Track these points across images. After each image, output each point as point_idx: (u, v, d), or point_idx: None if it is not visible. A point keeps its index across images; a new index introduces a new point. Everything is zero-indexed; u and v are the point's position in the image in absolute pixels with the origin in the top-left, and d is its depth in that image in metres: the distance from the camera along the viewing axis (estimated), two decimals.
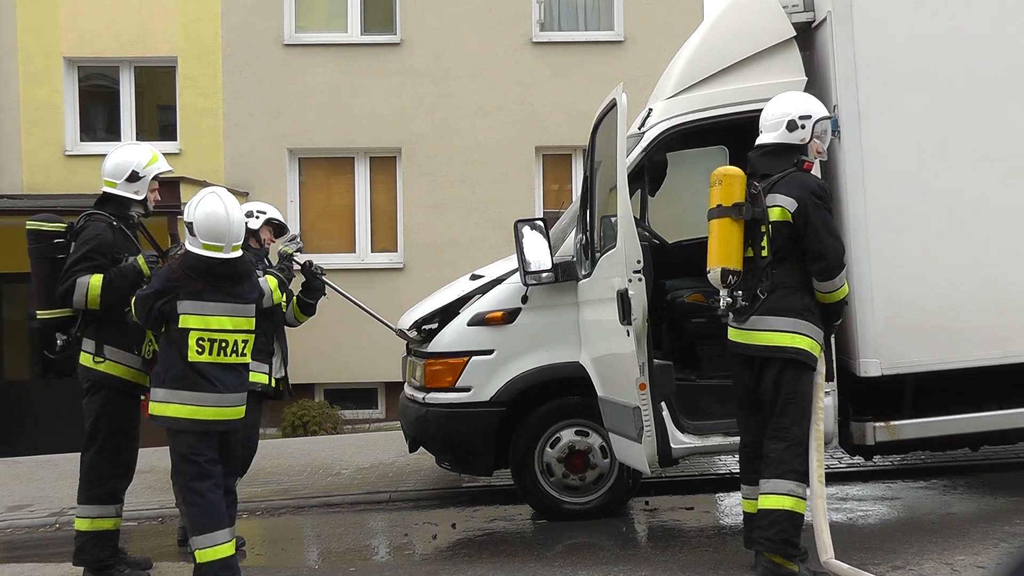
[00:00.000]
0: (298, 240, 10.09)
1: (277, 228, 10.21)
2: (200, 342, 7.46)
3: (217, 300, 7.54)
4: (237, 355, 7.64)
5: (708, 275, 7.49)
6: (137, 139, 19.36)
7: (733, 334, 7.64)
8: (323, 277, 10.23)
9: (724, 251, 7.38)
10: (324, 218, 19.76)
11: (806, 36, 9.20)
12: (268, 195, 18.29)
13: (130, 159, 8.30)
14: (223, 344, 7.55)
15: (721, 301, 7.47)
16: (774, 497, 7.30)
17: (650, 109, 9.62)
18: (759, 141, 7.76)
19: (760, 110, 7.91)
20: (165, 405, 7.49)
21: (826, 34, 8.87)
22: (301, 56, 19.51)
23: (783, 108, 7.71)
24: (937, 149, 8.78)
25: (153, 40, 19.52)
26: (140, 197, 8.31)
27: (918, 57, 8.77)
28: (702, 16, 17.49)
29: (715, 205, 7.46)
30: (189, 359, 7.43)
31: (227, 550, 7.51)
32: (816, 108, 7.75)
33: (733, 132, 9.58)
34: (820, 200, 7.49)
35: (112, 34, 19.42)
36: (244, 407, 7.78)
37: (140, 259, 8.12)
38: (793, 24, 9.05)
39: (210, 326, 7.49)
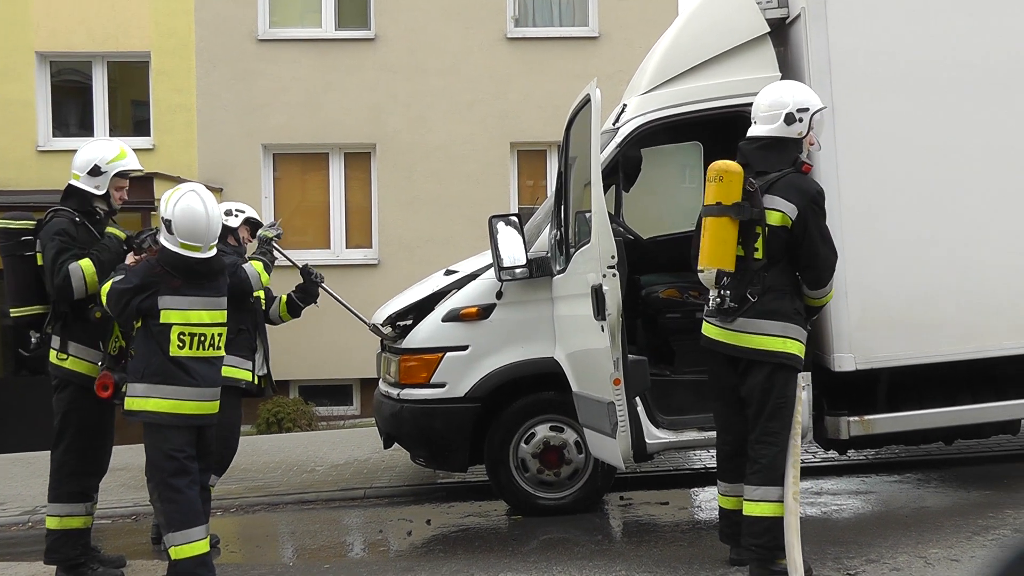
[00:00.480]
0: (277, 226, 10.10)
1: (255, 227, 10.21)
2: (181, 336, 7.43)
3: (195, 294, 7.53)
4: (214, 348, 7.64)
5: (700, 274, 7.35)
6: (110, 135, 19.31)
7: (715, 333, 7.51)
8: (323, 284, 10.22)
9: (720, 251, 7.22)
10: (299, 214, 19.70)
11: (780, 32, 9.21)
12: (242, 191, 18.28)
13: (95, 153, 8.22)
14: (202, 338, 7.54)
15: (711, 301, 7.39)
16: (766, 505, 7.26)
17: (624, 105, 9.63)
18: (753, 132, 7.59)
19: (734, 106, 7.93)
20: (145, 400, 7.45)
21: (800, 30, 8.88)
22: (275, 52, 19.44)
23: (779, 99, 7.55)
24: (911, 146, 8.82)
25: (126, 35, 19.42)
26: (100, 192, 8.20)
27: (892, 54, 8.80)
28: (677, 12, 17.49)
29: (714, 202, 7.25)
30: (171, 354, 7.41)
31: (203, 547, 7.48)
32: (813, 99, 7.62)
33: (707, 128, 9.61)
34: (819, 208, 7.40)
35: (85, 29, 19.31)
36: (219, 401, 7.75)
37: (111, 229, 8.20)
38: (767, 20, 9.07)
39: (190, 320, 7.48)
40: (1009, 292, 9.00)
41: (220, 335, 7.70)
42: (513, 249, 9.23)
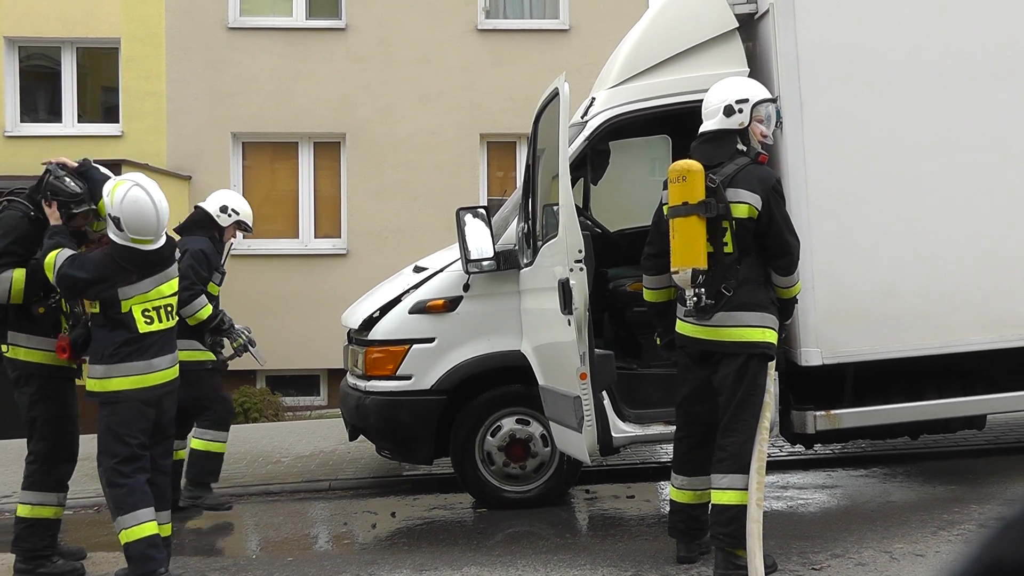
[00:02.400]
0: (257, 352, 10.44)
1: (245, 230, 10.64)
2: (146, 313, 7.49)
3: (151, 276, 7.57)
4: (171, 318, 7.73)
5: (675, 276, 7.32)
6: (78, 121, 19.29)
7: (692, 330, 7.48)
8: (250, 349, 10.31)
9: (693, 250, 7.19)
10: (267, 203, 19.61)
11: (749, 27, 9.21)
12: (211, 179, 18.22)
13: None
14: (168, 308, 7.66)
15: (688, 301, 7.34)
16: (733, 493, 7.24)
17: (593, 98, 9.62)
18: (700, 129, 7.67)
19: (702, 101, 7.90)
20: (106, 380, 7.44)
21: (768, 26, 8.88)
22: (246, 40, 19.36)
23: (721, 94, 7.61)
24: (879, 140, 8.84)
25: (96, 21, 19.31)
26: None
27: (860, 49, 8.82)
28: (646, 6, 17.42)
29: (680, 203, 7.23)
30: (141, 331, 7.46)
31: (152, 528, 7.43)
32: (755, 91, 7.64)
33: (676, 121, 9.60)
34: (780, 196, 7.47)
35: (54, 14, 19.18)
36: (178, 367, 7.83)
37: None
38: (736, 15, 9.07)
39: (151, 298, 7.53)
40: (975, 287, 9.03)
41: (173, 304, 7.79)
42: (480, 241, 9.21)
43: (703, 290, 7.23)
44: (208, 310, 9.84)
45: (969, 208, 9.00)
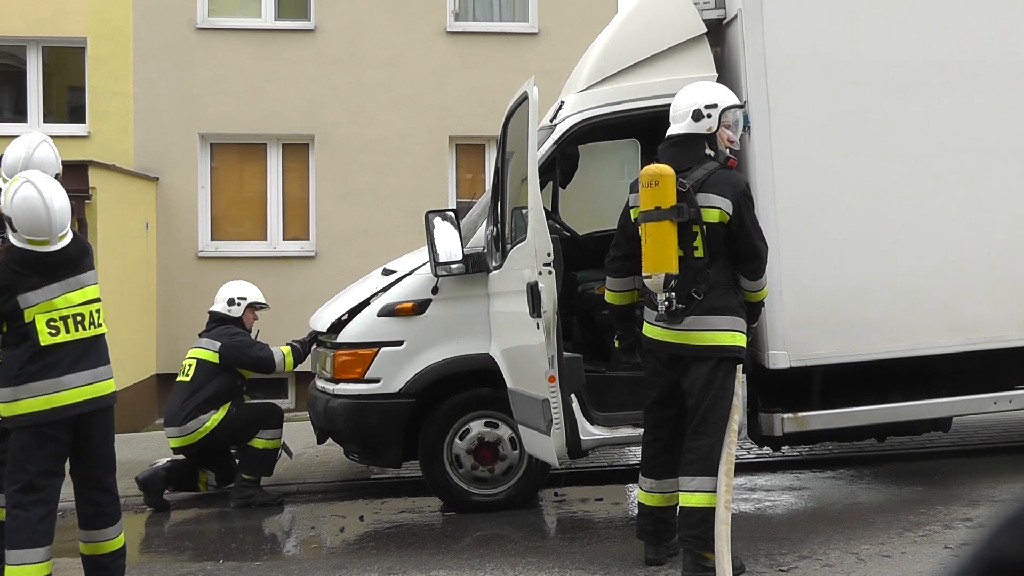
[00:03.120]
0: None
1: (260, 308, 11.08)
2: (51, 323, 6.86)
3: (57, 281, 6.96)
4: (95, 326, 7.08)
5: (647, 281, 7.34)
6: (44, 121, 19.19)
7: (661, 334, 7.49)
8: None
9: (665, 255, 7.21)
10: (236, 205, 19.60)
11: (717, 33, 9.26)
12: (179, 181, 18.21)
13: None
14: (78, 318, 6.98)
15: (660, 306, 7.34)
16: (702, 495, 7.26)
17: (562, 102, 9.64)
18: (668, 133, 7.69)
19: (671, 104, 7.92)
20: (14, 404, 6.87)
21: (737, 31, 8.93)
22: (214, 40, 19.31)
23: (689, 98, 7.63)
24: (846, 145, 8.90)
25: (62, 20, 19.21)
26: None
27: (828, 54, 8.88)
28: (616, 10, 17.50)
29: (653, 207, 7.25)
30: (42, 343, 6.84)
31: (32, 572, 6.87)
32: (723, 96, 7.68)
33: (645, 126, 9.62)
34: (750, 200, 7.52)
35: (19, 12, 19.07)
36: (112, 381, 7.23)
37: None
38: (704, 20, 9.12)
39: (57, 306, 6.90)
40: (941, 290, 9.10)
41: (98, 311, 7.14)
42: (449, 244, 9.21)
43: (674, 294, 7.25)
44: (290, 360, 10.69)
45: (935, 212, 9.07)
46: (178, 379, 10.82)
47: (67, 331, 6.92)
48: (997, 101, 9.18)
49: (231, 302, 11.04)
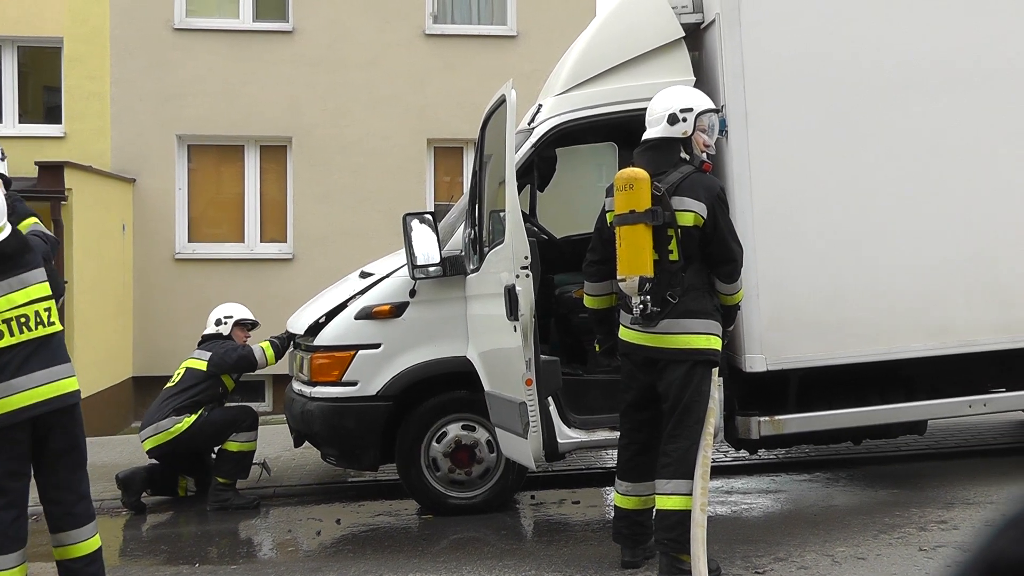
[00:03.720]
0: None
1: (250, 325, 11.23)
2: None
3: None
4: (43, 326, 6.77)
5: (621, 284, 7.34)
6: (20, 121, 19.15)
7: (636, 337, 7.50)
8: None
9: (640, 258, 7.20)
10: (213, 207, 19.57)
11: (695, 37, 9.29)
12: (156, 182, 18.18)
13: None
14: (23, 319, 6.66)
15: (634, 309, 7.33)
16: (678, 498, 7.27)
17: (540, 105, 9.65)
18: (644, 136, 7.69)
19: None
20: None
21: (715, 35, 8.95)
22: (192, 41, 19.30)
23: (665, 102, 7.63)
24: (823, 149, 8.94)
25: (39, 19, 19.16)
26: None
27: (805, 59, 8.91)
28: (594, 14, 17.55)
29: (627, 211, 7.24)
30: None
31: None
32: (699, 100, 7.68)
33: (622, 129, 9.64)
34: (724, 204, 7.54)
35: None
36: (72, 379, 6.90)
37: None
38: (682, 25, 9.14)
39: (1, 309, 6.61)
40: (917, 294, 9.14)
41: (48, 310, 6.84)
42: (427, 247, 9.20)
43: (649, 298, 7.25)
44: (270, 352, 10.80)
45: (911, 216, 9.11)
46: (165, 387, 10.83)
47: (11, 334, 6.63)
48: (973, 106, 9.23)
49: (218, 322, 11.20)
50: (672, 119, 7.51)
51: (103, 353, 17.88)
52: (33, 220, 7.42)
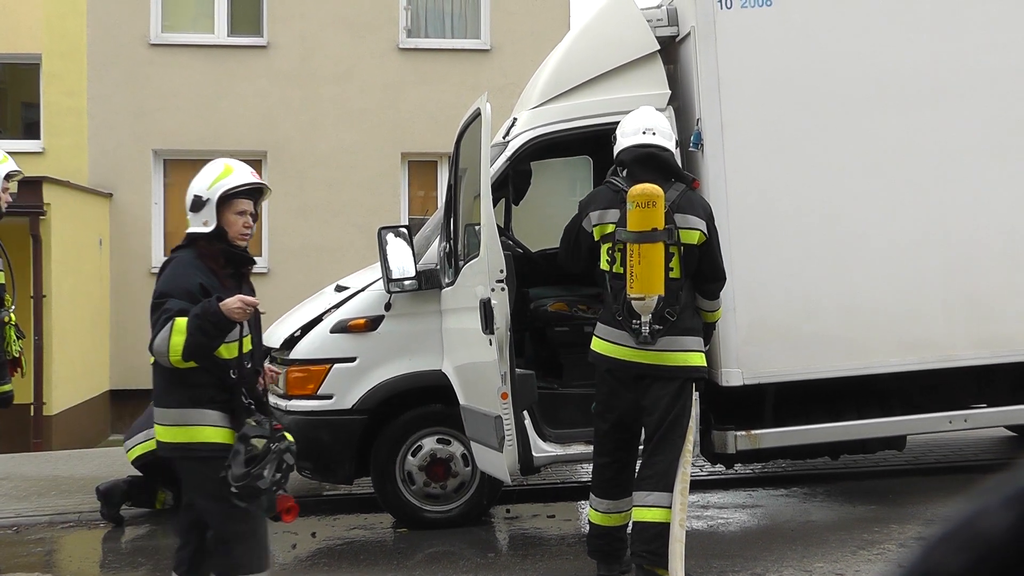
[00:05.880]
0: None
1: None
2: None
3: None
4: None
5: (639, 303, 7.19)
6: None
7: (628, 354, 7.41)
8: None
9: (656, 276, 7.14)
10: None
11: (670, 50, 9.30)
12: (133, 196, 18.16)
13: None
14: None
15: (644, 328, 7.23)
16: (658, 511, 7.25)
17: (515, 118, 9.63)
18: (644, 142, 7.55)
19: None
20: None
21: (690, 48, 8.96)
22: (167, 56, 19.29)
23: (640, 122, 7.68)
24: (799, 162, 8.96)
25: (16, 36, 19.17)
26: None
27: (781, 73, 8.93)
28: (568, 27, 17.60)
29: (649, 228, 7.14)
30: None
31: None
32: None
33: (597, 142, 9.63)
34: (714, 222, 7.56)
35: None
36: None
37: None
38: (657, 38, 9.14)
39: None
40: (893, 309, 9.14)
41: None
42: (402, 261, 9.19)
43: (651, 316, 7.23)
44: None
45: (888, 229, 9.11)
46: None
47: None
48: (950, 118, 9.22)
49: None
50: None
51: (80, 367, 17.84)
52: None
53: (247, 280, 6.48)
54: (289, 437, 6.40)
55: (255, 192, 6.61)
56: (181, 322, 5.87)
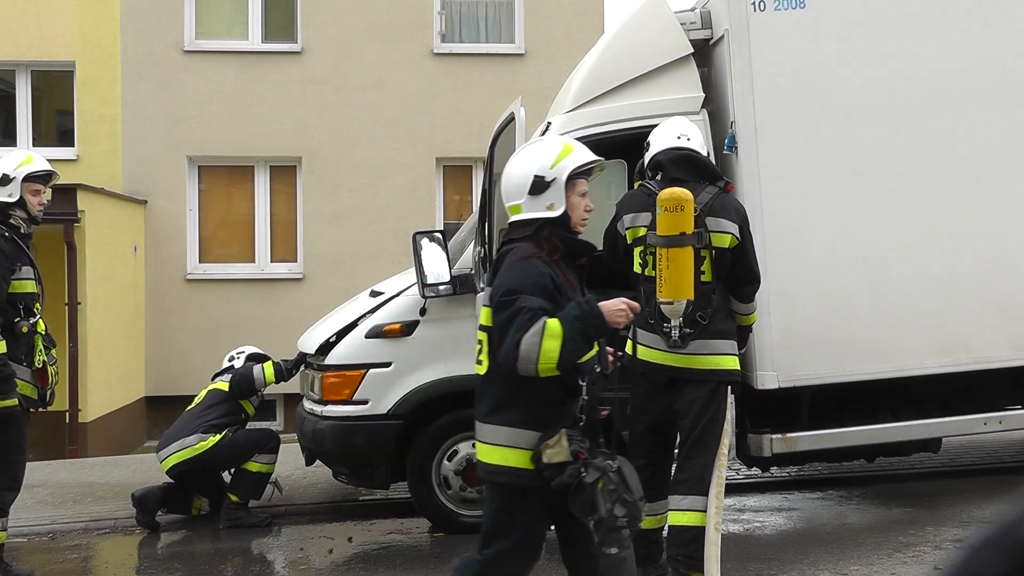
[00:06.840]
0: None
1: (260, 358, 11.18)
2: None
3: None
4: None
5: (668, 307, 7.16)
6: (33, 144, 19.24)
7: (661, 358, 7.39)
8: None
9: (686, 281, 7.07)
10: (223, 227, 19.59)
11: (704, 53, 9.28)
12: (167, 203, 18.21)
13: (1, 163, 8.16)
14: None
15: (673, 332, 7.21)
16: (693, 514, 7.23)
17: (549, 123, 9.62)
18: (675, 145, 7.55)
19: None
20: None
21: (723, 51, 8.95)
22: (201, 63, 19.35)
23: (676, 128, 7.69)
24: (833, 166, 8.92)
25: (51, 44, 19.26)
26: (13, 199, 8.11)
27: (815, 75, 8.90)
28: (602, 31, 17.56)
29: (678, 232, 7.06)
30: None
31: None
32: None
33: (632, 146, 9.62)
34: (748, 225, 7.52)
35: (8, 37, 19.12)
36: None
37: None
38: (691, 41, 9.13)
39: None
40: (928, 311, 9.10)
41: None
42: (437, 266, 9.19)
43: (682, 320, 7.22)
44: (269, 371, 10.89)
45: (922, 232, 9.08)
46: (187, 408, 10.86)
47: None
48: (987, 121, 9.20)
49: (231, 358, 11.39)
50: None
51: (116, 373, 17.90)
52: None
53: (583, 274, 5.65)
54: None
55: (587, 172, 5.82)
56: (554, 325, 5.09)
